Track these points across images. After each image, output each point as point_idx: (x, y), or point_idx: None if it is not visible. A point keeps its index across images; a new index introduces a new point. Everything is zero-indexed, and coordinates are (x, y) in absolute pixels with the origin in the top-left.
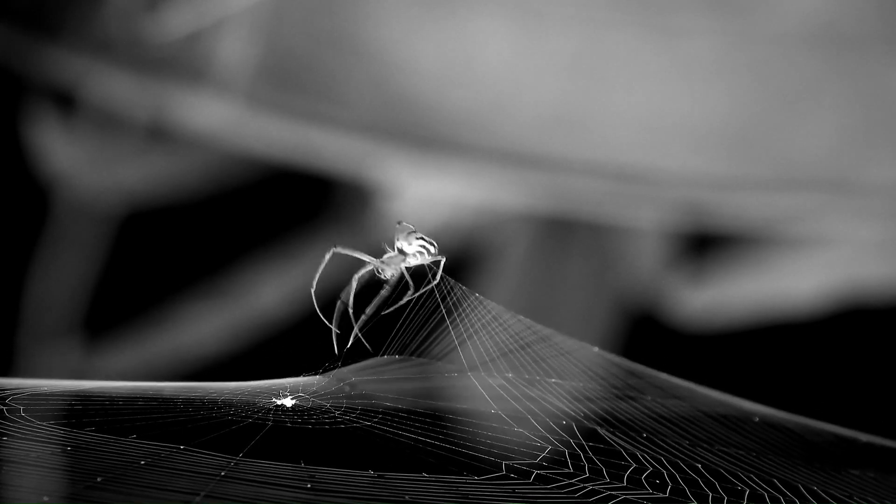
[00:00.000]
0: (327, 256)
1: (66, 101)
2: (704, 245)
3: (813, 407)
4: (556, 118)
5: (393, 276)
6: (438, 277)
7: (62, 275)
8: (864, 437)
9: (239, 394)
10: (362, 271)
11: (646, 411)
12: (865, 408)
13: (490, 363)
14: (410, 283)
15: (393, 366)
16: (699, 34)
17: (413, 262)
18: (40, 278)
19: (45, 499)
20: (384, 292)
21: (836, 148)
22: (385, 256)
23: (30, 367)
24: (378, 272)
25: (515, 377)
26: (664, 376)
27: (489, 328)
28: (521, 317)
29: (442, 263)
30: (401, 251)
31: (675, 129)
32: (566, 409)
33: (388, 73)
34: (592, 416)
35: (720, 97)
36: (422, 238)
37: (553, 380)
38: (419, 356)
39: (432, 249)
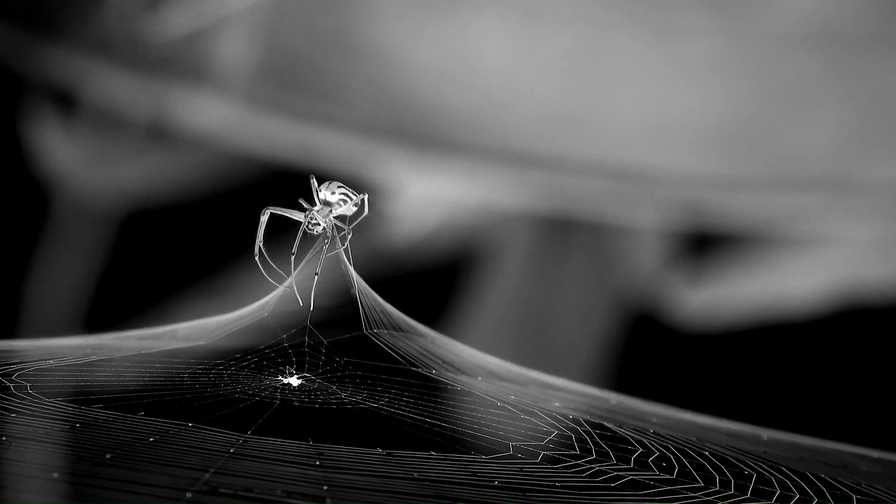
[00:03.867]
0: (264, 219)
1: (66, 101)
2: (704, 245)
3: (813, 406)
4: (555, 118)
5: (325, 227)
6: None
7: (62, 274)
8: (874, 454)
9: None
10: (274, 211)
11: (652, 424)
12: (865, 407)
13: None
14: (340, 232)
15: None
16: (699, 34)
17: (339, 210)
18: (40, 278)
19: (55, 475)
20: (324, 246)
21: (835, 147)
22: (314, 210)
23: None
24: (309, 228)
25: (517, 397)
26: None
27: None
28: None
29: (366, 202)
30: (325, 202)
31: (675, 128)
32: (571, 412)
33: (389, 73)
34: (599, 412)
35: (720, 97)
36: (341, 185)
37: (556, 403)
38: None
39: (354, 197)
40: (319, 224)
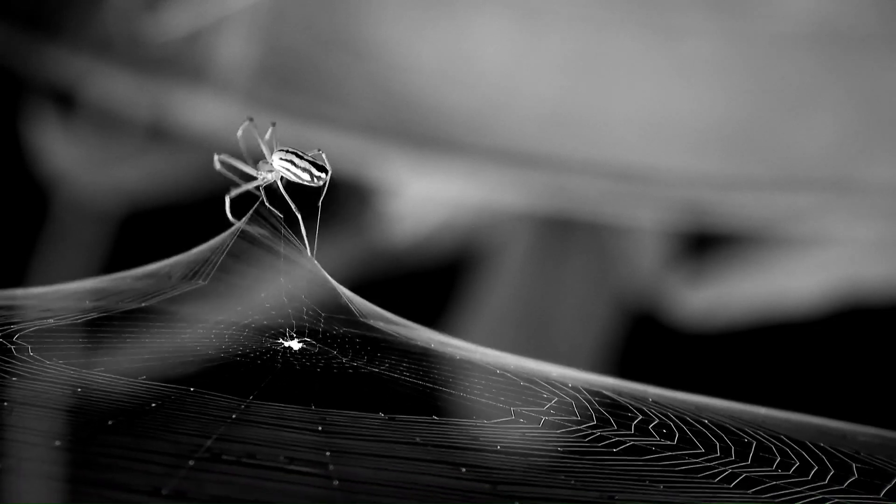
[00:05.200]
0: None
1: (66, 101)
2: (704, 245)
3: (813, 406)
4: (555, 118)
5: (266, 180)
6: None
7: (62, 274)
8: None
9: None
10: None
11: (651, 395)
12: (865, 407)
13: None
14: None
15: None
16: (699, 34)
17: (288, 175)
18: (41, 277)
19: (57, 443)
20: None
21: (835, 147)
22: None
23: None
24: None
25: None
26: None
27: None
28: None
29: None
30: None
31: (674, 128)
32: (570, 380)
33: (389, 74)
34: (598, 384)
35: (720, 97)
36: (292, 154)
37: (554, 374)
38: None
39: (306, 168)
40: (267, 178)
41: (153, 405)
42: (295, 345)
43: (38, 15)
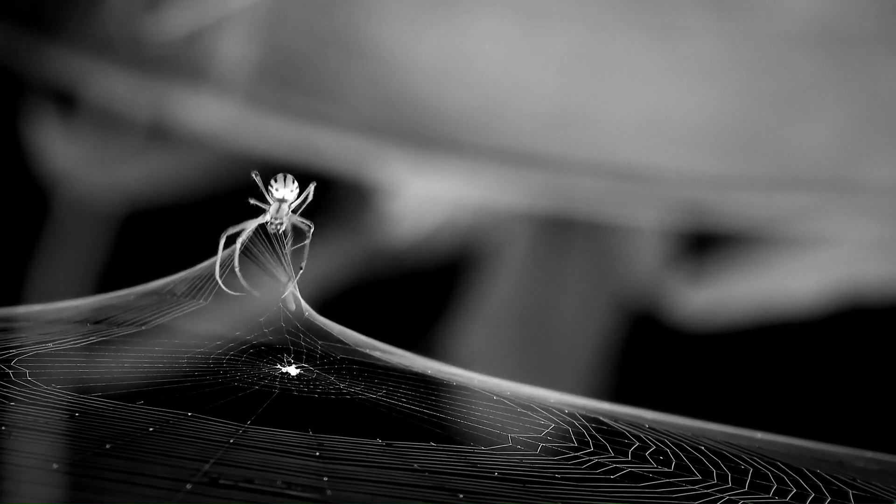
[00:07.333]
0: (222, 243)
1: (66, 101)
2: (704, 245)
3: (812, 406)
4: (555, 117)
5: (287, 226)
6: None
7: (62, 274)
8: (868, 454)
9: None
10: (231, 233)
11: (647, 420)
12: (864, 407)
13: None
14: (300, 227)
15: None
16: (699, 34)
17: (295, 204)
18: (40, 278)
19: (54, 466)
20: (307, 243)
21: (835, 147)
22: (272, 211)
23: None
24: (273, 227)
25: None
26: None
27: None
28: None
29: (311, 191)
30: (283, 199)
31: (674, 128)
32: (566, 407)
33: (389, 73)
34: (595, 411)
35: (719, 96)
36: (294, 179)
37: (551, 399)
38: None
39: (305, 190)
40: (283, 224)
41: (150, 429)
42: (293, 371)
43: (38, 15)
